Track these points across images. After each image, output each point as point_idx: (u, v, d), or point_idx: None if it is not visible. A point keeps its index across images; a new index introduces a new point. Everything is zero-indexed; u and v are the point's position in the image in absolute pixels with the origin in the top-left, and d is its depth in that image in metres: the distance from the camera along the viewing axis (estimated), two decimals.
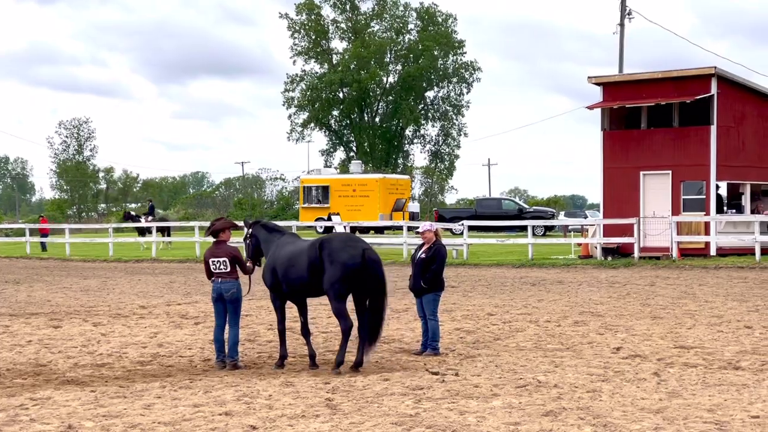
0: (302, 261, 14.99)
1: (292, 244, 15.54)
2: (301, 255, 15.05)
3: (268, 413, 11.57)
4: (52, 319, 21.97)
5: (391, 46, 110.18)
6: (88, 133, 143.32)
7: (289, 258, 15.23)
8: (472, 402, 12.14)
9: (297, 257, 15.11)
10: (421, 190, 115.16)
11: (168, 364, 15.69)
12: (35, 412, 11.82)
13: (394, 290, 28.69)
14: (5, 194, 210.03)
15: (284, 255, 15.36)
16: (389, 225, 60.29)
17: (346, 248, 14.79)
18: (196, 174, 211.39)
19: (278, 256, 15.47)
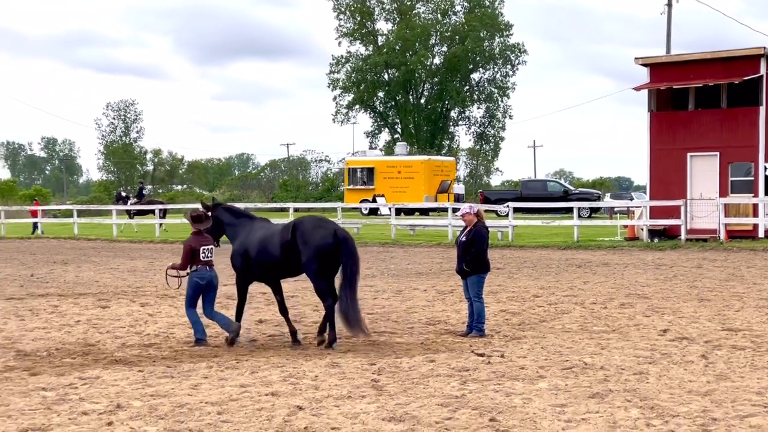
0: (275, 243, 15.45)
1: (264, 229, 15.96)
2: (274, 237, 15.52)
3: (314, 394, 11.60)
4: (100, 300, 22.15)
5: (437, 27, 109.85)
6: (135, 115, 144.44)
7: (261, 241, 15.66)
8: (518, 384, 12.11)
9: (270, 240, 15.55)
10: (466, 171, 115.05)
11: (214, 345, 15.76)
12: (84, 391, 11.92)
13: (439, 272, 28.70)
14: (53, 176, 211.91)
15: (256, 239, 15.76)
16: (434, 207, 60.25)
17: (318, 229, 15.28)
18: (241, 156, 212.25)
19: (250, 240, 15.85)
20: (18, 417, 10.51)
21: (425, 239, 44.86)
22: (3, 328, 17.65)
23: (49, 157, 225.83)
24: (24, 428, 10.02)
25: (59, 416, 10.54)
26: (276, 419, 10.32)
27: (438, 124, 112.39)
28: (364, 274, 28.04)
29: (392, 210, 49.78)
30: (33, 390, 12.00)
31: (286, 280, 16.56)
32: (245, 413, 10.61)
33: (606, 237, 43.32)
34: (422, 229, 49.55)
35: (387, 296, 22.37)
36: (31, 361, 14.24)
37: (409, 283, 25.50)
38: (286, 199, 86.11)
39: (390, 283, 25.59)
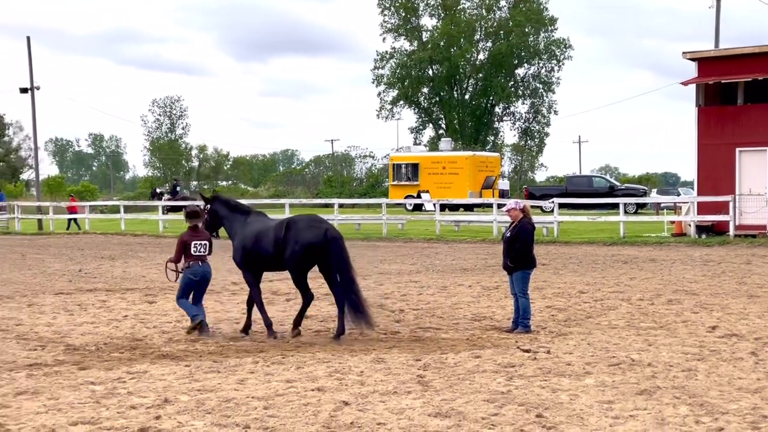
0: (269, 238, 16.02)
1: (259, 223, 16.53)
2: (268, 232, 16.11)
3: (360, 389, 11.60)
4: (147, 295, 22.29)
5: (482, 22, 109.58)
6: (180, 111, 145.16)
7: (257, 235, 16.25)
8: (565, 380, 12.06)
9: (264, 234, 16.15)
10: (510, 167, 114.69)
11: (260, 340, 15.81)
12: (132, 385, 12.00)
13: (484, 268, 28.63)
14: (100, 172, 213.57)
15: (252, 233, 16.37)
16: (478, 202, 60.09)
17: (310, 228, 15.88)
18: (286, 152, 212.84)
19: (246, 234, 16.46)
20: (68, 410, 10.60)
21: (470, 235, 44.76)
22: (52, 323, 17.82)
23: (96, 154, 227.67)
24: (74, 421, 10.11)
25: (108, 410, 10.62)
26: (322, 414, 10.34)
27: (482, 120, 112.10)
28: (409, 270, 28.08)
29: (437, 206, 49.71)
30: (82, 384, 12.10)
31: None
32: (291, 408, 10.64)
33: (653, 233, 43.04)
34: (467, 224, 49.45)
35: (432, 292, 22.35)
36: (80, 356, 14.36)
37: (454, 279, 25.46)
38: (330, 195, 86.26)
39: (435, 279, 25.56)
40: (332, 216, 50.07)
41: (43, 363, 13.72)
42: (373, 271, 28.23)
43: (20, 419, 10.23)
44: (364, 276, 26.39)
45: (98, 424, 10.00)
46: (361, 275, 26.51)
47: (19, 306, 20.38)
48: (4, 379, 12.50)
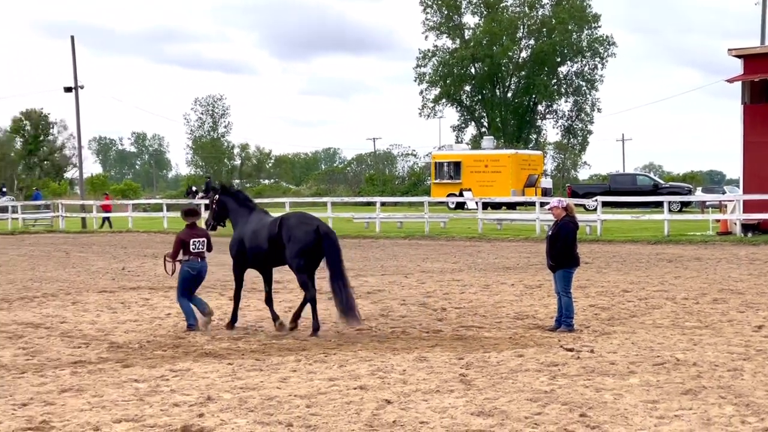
0: (263, 235, 16.48)
1: (258, 221, 16.96)
2: (263, 229, 16.56)
3: (403, 388, 11.57)
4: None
5: (524, 20, 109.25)
6: (223, 110, 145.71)
7: (254, 232, 16.72)
8: (609, 379, 11.97)
9: (260, 231, 16.60)
10: (553, 165, 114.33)
11: (302, 338, 15.82)
12: (175, 383, 12.04)
13: (527, 266, 28.52)
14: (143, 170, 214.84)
15: (250, 229, 16.85)
16: (521, 201, 59.90)
17: (301, 225, 16.25)
18: (327, 150, 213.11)
19: (245, 230, 16.94)
20: (112, 408, 10.65)
21: (512, 233, 44.62)
22: (96, 321, 17.93)
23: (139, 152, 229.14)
24: (118, 419, 10.15)
25: (151, 407, 10.66)
26: (364, 413, 10.32)
27: (525, 118, 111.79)
28: (451, 268, 28.03)
29: (479, 204, 49.61)
30: (126, 381, 12.15)
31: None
32: (334, 407, 10.63)
33: (697, 231, 42.70)
34: (509, 223, 49.30)
35: (474, 290, 22.29)
36: (123, 353, 14.43)
37: (497, 277, 25.38)
38: (372, 193, 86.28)
39: (477, 277, 25.49)
40: (374, 214, 50.13)
41: (87, 360, 13.80)
42: (415, 269, 28.21)
43: (65, 416, 10.29)
44: (406, 274, 26.40)
45: (142, 422, 10.04)
46: (402, 273, 26.58)
47: (63, 304, 20.53)
48: (48, 376, 12.58)
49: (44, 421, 10.07)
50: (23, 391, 11.59)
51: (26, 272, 28.62)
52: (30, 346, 15.10)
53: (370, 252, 36.10)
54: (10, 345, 15.20)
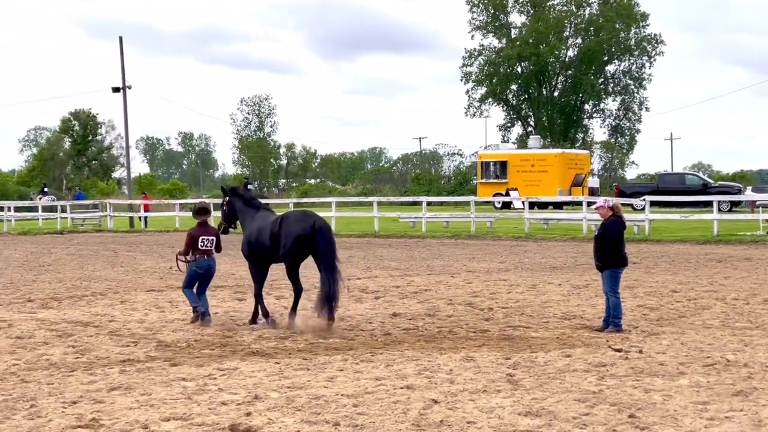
0: (266, 233, 17.10)
1: (263, 219, 17.52)
2: (266, 228, 17.17)
3: (450, 387, 11.55)
4: (237, 292, 22.45)
5: (571, 19, 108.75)
6: (269, 110, 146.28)
7: (259, 229, 17.34)
8: (658, 380, 11.88)
9: (264, 230, 17.21)
10: (600, 165, 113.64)
11: (349, 338, 15.82)
12: (223, 382, 12.08)
13: (574, 266, 28.36)
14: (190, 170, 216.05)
15: (256, 227, 17.45)
16: (568, 200, 59.63)
17: (299, 222, 16.83)
18: (373, 149, 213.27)
19: (252, 229, 17.55)
20: (160, 406, 10.70)
21: (559, 233, 44.43)
22: (144, 319, 18.03)
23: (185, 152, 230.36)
24: (166, 417, 10.20)
25: (199, 406, 10.70)
26: (411, 412, 10.30)
27: (572, 117, 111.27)
28: (498, 268, 27.95)
29: (526, 203, 49.44)
30: (174, 380, 12.21)
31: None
32: (381, 406, 10.62)
33: (747, 231, 42.30)
34: (556, 222, 49.11)
35: (521, 290, 22.20)
36: (171, 352, 14.50)
37: (544, 277, 25.27)
38: (418, 192, 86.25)
39: (524, 277, 25.40)
40: (420, 214, 50.09)
41: (136, 359, 13.88)
42: (461, 269, 28.16)
43: (114, 414, 10.35)
44: (452, 274, 26.37)
45: (190, 420, 10.08)
46: (448, 273, 26.55)
47: (111, 303, 20.67)
48: (98, 374, 12.66)
49: (94, 419, 10.14)
50: (73, 389, 11.68)
51: (75, 271, 28.86)
52: (79, 344, 15.21)
53: (416, 251, 36.09)
54: (59, 343, 15.33)
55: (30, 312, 19.25)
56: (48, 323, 17.51)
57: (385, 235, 46.60)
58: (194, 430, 9.77)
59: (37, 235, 53.82)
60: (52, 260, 33.56)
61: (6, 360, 13.82)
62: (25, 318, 18.27)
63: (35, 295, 22.34)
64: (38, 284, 24.90)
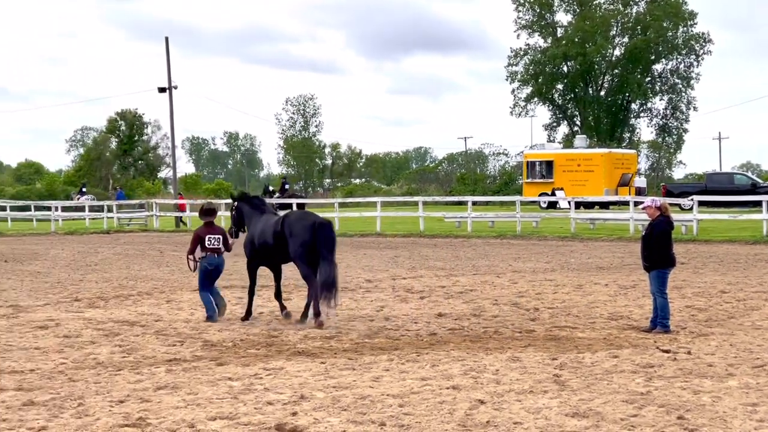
0: (269, 233, 17.76)
1: (266, 221, 18.18)
2: (269, 228, 17.82)
3: (496, 388, 11.49)
4: (282, 292, 22.41)
5: (618, 18, 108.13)
6: (314, 110, 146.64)
7: (262, 231, 18.00)
8: (707, 381, 11.76)
9: (267, 230, 17.87)
10: (647, 164, 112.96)
11: (395, 338, 15.80)
12: (269, 381, 12.09)
13: (621, 266, 28.19)
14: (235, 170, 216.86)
15: (259, 229, 18.11)
16: (614, 200, 59.25)
17: (300, 221, 17.46)
18: (419, 149, 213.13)
19: (255, 230, 18.23)
20: (207, 405, 10.73)
21: (606, 233, 44.19)
22: (190, 319, 18.11)
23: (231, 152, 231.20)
24: (212, 416, 10.22)
25: (245, 405, 10.72)
26: (458, 413, 10.26)
27: (618, 117, 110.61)
28: (544, 268, 27.84)
29: (572, 203, 49.18)
30: (220, 379, 12.24)
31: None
32: (427, 406, 10.58)
33: None
34: (602, 222, 48.82)
35: (567, 290, 22.09)
36: (217, 351, 14.54)
37: (590, 277, 25.13)
38: (464, 192, 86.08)
39: (570, 277, 25.27)
40: (465, 213, 49.99)
41: (182, 358, 13.94)
42: (507, 269, 28.06)
43: (160, 413, 10.39)
44: (498, 274, 26.28)
45: (236, 419, 10.09)
46: (494, 273, 26.47)
47: (158, 302, 20.78)
48: (144, 373, 12.72)
49: (141, 418, 10.18)
50: (120, 388, 11.74)
51: (121, 271, 29.05)
52: (126, 343, 15.30)
53: (462, 251, 36.01)
54: (106, 342, 15.42)
55: (77, 311, 19.40)
56: (95, 322, 17.63)
57: (431, 235, 46.54)
58: (240, 429, 9.78)
59: (83, 234, 54.28)
60: (98, 260, 33.82)
61: (54, 359, 13.93)
62: (72, 317, 18.41)
63: (82, 294, 22.52)
64: (85, 284, 25.10)
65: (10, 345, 15.17)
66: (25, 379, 12.38)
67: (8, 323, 17.62)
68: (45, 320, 17.91)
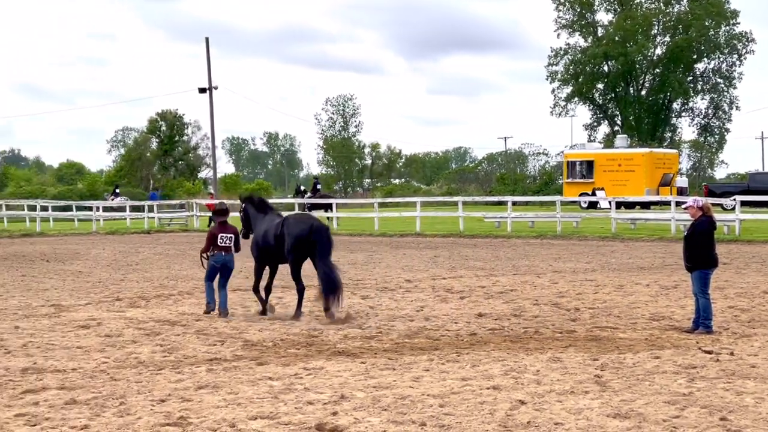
0: (271, 235, 18.61)
1: (268, 222, 19.00)
2: (271, 230, 18.66)
3: (536, 388, 11.45)
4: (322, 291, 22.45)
5: (659, 17, 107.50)
6: (353, 110, 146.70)
7: (265, 231, 18.85)
8: (749, 382, 11.67)
9: (269, 232, 18.71)
10: (689, 164, 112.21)
11: (435, 338, 15.77)
12: (309, 381, 12.10)
13: (662, 266, 28.01)
14: (275, 170, 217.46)
15: (263, 229, 18.96)
16: (656, 200, 58.92)
17: (299, 224, 18.38)
18: (458, 149, 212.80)
19: (259, 231, 19.08)
20: (247, 405, 10.75)
21: (647, 233, 43.93)
22: (230, 319, 18.15)
23: (271, 152, 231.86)
24: (253, 416, 10.24)
25: (286, 405, 10.73)
26: (498, 413, 10.22)
27: (660, 116, 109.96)
28: (584, 268, 27.73)
29: (612, 203, 48.94)
30: (260, 379, 12.26)
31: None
32: (467, 406, 10.56)
33: None
34: (644, 222, 48.55)
35: (608, 291, 21.98)
36: (258, 351, 14.57)
37: (631, 277, 24.99)
38: (503, 192, 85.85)
39: (611, 277, 25.14)
40: (505, 213, 49.87)
41: (223, 358, 13.98)
42: (547, 269, 27.96)
43: (201, 412, 10.42)
44: (538, 274, 26.18)
45: (276, 419, 10.11)
46: (534, 273, 26.38)
47: (198, 302, 20.83)
48: (185, 373, 12.77)
49: (182, 417, 10.22)
50: (161, 388, 11.79)
51: (162, 270, 29.20)
52: (167, 343, 15.36)
53: (502, 251, 35.92)
54: (147, 342, 15.49)
55: (118, 311, 19.51)
56: (136, 322, 17.73)
57: (470, 235, 46.45)
58: (281, 429, 9.79)
59: (124, 234, 54.60)
60: (139, 259, 34.01)
61: (96, 358, 14.01)
62: (113, 317, 18.52)
63: (123, 294, 22.65)
64: (126, 283, 25.25)
65: (53, 344, 15.28)
66: (67, 378, 12.46)
67: (50, 322, 17.75)
68: (87, 319, 18.03)
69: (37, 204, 65.71)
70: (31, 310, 19.52)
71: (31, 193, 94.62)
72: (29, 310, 19.64)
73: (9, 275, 27.91)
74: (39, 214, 61.36)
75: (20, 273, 28.66)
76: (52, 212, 66.95)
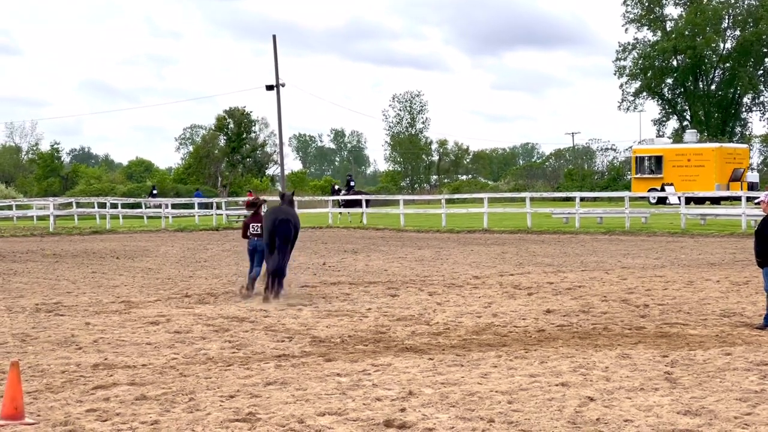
0: (262, 225, 21.17)
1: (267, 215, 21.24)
2: (263, 221, 21.10)
3: (606, 385, 11.36)
4: (389, 288, 22.52)
5: (729, 11, 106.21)
6: (420, 106, 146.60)
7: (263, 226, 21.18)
8: None
9: (263, 223, 21.11)
10: (760, 159, 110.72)
11: (503, 334, 15.71)
12: (377, 377, 12.11)
13: (733, 262, 27.65)
14: (342, 166, 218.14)
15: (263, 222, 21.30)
16: (726, 195, 58.31)
17: (268, 217, 20.78)
18: (525, 145, 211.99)
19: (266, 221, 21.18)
20: (315, 401, 10.78)
21: (717, 229, 43.45)
22: (298, 315, 18.23)
23: (338, 149, 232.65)
24: (321, 412, 10.27)
25: (354, 401, 10.74)
26: (567, 410, 10.16)
27: (729, 111, 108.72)
28: (653, 264, 27.48)
29: (682, 199, 48.48)
30: (328, 375, 12.29)
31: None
32: (535, 403, 10.50)
33: None
34: (714, 218, 48.05)
35: (678, 287, 21.76)
36: (325, 347, 14.61)
37: (701, 273, 24.72)
38: (571, 188, 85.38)
39: (681, 273, 24.89)
40: (573, 209, 49.61)
41: (291, 354, 14.03)
42: (615, 265, 27.75)
43: (270, 408, 10.47)
44: (606, 270, 25.99)
45: (345, 415, 10.12)
46: (603, 269, 26.19)
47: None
48: (254, 369, 12.83)
49: (250, 413, 10.27)
50: (230, 383, 11.86)
51: (230, 267, 29.39)
52: (235, 339, 15.45)
53: (570, 248, 35.72)
54: (216, 338, 15.60)
55: (187, 307, 19.66)
56: (205, 318, 17.85)
57: (538, 231, 46.25)
58: (349, 425, 9.80)
59: (193, 231, 55.08)
60: (208, 256, 34.28)
61: (165, 354, 14.13)
62: (183, 313, 18.67)
63: (192, 290, 22.83)
64: (195, 280, 25.45)
65: (123, 340, 15.44)
66: (137, 374, 12.58)
67: (120, 319, 17.93)
68: (156, 316, 18.19)
69: (107, 201, 66.54)
70: (102, 307, 19.73)
71: (101, 191, 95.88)
72: (100, 306, 19.87)
73: (80, 272, 28.26)
74: (109, 212, 62.12)
75: (91, 270, 29.00)
76: (121, 209, 67.73)
